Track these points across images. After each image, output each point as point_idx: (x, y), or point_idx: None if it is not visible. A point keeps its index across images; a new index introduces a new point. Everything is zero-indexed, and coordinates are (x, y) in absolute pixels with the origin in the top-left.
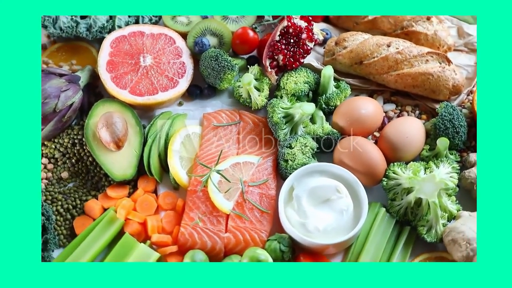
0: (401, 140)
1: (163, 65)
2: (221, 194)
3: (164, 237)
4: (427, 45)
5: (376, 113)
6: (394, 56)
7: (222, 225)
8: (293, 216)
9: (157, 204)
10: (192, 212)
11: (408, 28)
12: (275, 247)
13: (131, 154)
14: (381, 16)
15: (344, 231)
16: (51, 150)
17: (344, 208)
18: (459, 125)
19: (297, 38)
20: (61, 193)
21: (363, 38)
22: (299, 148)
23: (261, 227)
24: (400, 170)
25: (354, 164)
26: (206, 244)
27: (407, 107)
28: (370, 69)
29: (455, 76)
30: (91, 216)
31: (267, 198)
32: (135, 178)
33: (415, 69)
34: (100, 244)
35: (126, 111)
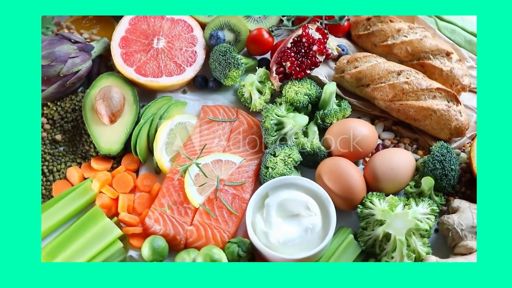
0: (385, 171)
1: (174, 51)
2: (195, 187)
3: (132, 217)
4: (440, 81)
5: (370, 138)
6: (402, 85)
7: (188, 218)
8: (259, 223)
9: (134, 184)
10: (164, 199)
11: (424, 60)
12: (234, 250)
13: (121, 131)
14: (400, 42)
15: (306, 249)
16: (52, 112)
17: (310, 226)
18: (449, 168)
19: (308, 49)
20: (50, 154)
21: (376, 61)
22: (282, 157)
23: (225, 227)
24: (378, 200)
25: (332, 184)
26: (168, 233)
27: (405, 139)
28: (375, 94)
29: (459, 117)
30: (70, 182)
31: (239, 200)
32: (121, 154)
33: (419, 102)
34: (70, 210)
35: (127, 88)
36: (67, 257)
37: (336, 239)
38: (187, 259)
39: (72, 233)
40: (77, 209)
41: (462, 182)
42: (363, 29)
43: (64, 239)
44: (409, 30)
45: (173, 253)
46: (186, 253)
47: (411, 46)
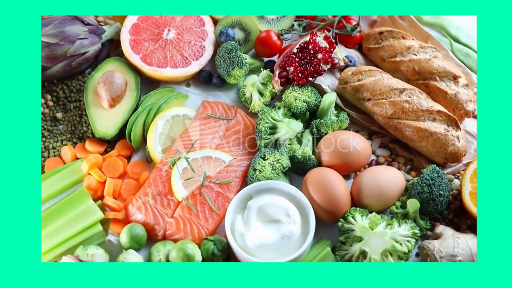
0: (371, 188)
1: (183, 43)
2: (180, 180)
3: (116, 203)
4: (443, 103)
5: (363, 153)
6: (402, 103)
7: (170, 210)
8: (238, 224)
9: (124, 170)
10: (149, 188)
11: (430, 80)
12: (209, 248)
13: (119, 116)
14: (408, 60)
15: (282, 256)
16: (57, 89)
17: (287, 233)
18: (438, 192)
19: (313, 57)
20: (49, 131)
21: (380, 76)
22: (271, 161)
23: (205, 224)
24: (360, 216)
25: (317, 195)
26: (148, 222)
27: (400, 158)
28: (375, 109)
29: (457, 143)
30: (63, 161)
31: (223, 199)
32: (116, 139)
33: (417, 123)
34: (57, 188)
35: (130, 75)
36: (47, 234)
37: (313, 250)
38: (162, 250)
39: (56, 210)
40: (64, 187)
41: (451, 209)
42: (374, 43)
43: (47, 216)
44: (419, 49)
45: (151, 243)
46: (162, 244)
47: (418, 65)
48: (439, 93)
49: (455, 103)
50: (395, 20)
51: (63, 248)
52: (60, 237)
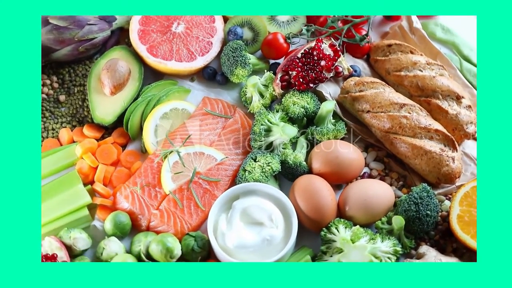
0: (357, 201)
1: (191, 38)
2: (170, 173)
3: (105, 189)
4: (443, 123)
5: (355, 163)
6: (400, 118)
7: (156, 202)
8: (221, 223)
9: (117, 158)
10: (139, 178)
11: (432, 98)
12: (189, 243)
13: (118, 104)
14: (412, 75)
15: (260, 259)
16: (64, 72)
17: (268, 237)
18: (424, 212)
19: (316, 63)
20: (51, 112)
21: (382, 89)
22: (261, 164)
23: (189, 219)
24: (343, 228)
25: (303, 202)
26: (134, 211)
27: (394, 174)
28: (373, 122)
29: (451, 164)
30: (60, 142)
31: (210, 196)
32: (113, 126)
33: (413, 140)
34: (50, 169)
35: (135, 65)
36: None
37: (294, 256)
38: (143, 241)
39: (46, 191)
40: (57, 169)
41: (438, 230)
42: (382, 55)
43: None
44: (425, 65)
45: (135, 233)
46: (144, 235)
47: (422, 82)
48: (440, 111)
49: (455, 124)
50: (406, 34)
51: (48, 229)
52: (47, 217)
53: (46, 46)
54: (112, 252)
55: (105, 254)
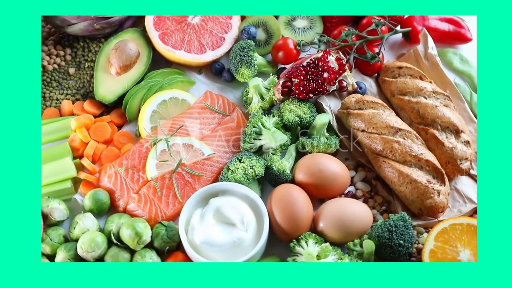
0: (332, 218)
1: (204, 31)
2: (155, 160)
3: (92, 166)
4: (437, 154)
5: (339, 180)
6: (392, 143)
7: (137, 186)
8: (195, 217)
9: (110, 137)
10: (126, 160)
11: (431, 127)
12: (159, 232)
13: (121, 85)
14: (415, 102)
15: (226, 260)
16: (78, 46)
17: (236, 240)
18: (397, 242)
19: (319, 74)
20: (58, 83)
21: (381, 111)
22: (245, 165)
23: (164, 208)
24: (312, 243)
25: (278, 211)
26: (114, 191)
27: (378, 197)
28: (365, 142)
29: (436, 197)
30: (60, 113)
31: (190, 189)
32: (113, 106)
33: (402, 166)
34: (44, 138)
35: (145, 49)
36: None
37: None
38: (116, 222)
39: None
40: (51, 139)
41: (411, 261)
42: (391, 76)
43: None
44: (431, 93)
45: (112, 212)
46: (118, 216)
47: (423, 109)
48: (436, 142)
49: (449, 157)
50: (420, 58)
51: None
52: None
53: (63, 18)
54: (85, 228)
55: (78, 229)
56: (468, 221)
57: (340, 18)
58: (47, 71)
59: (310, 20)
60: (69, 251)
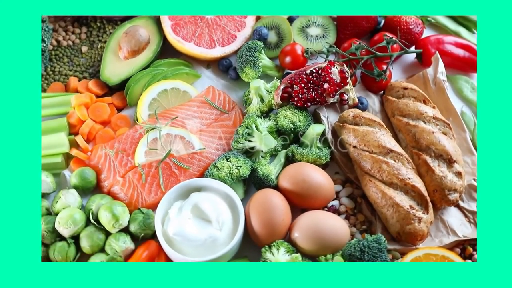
0: (308, 231)
1: (217, 26)
2: (145, 147)
3: (85, 144)
4: (426, 180)
5: (323, 191)
6: (381, 163)
7: (124, 170)
8: (173, 209)
9: (108, 118)
10: (118, 143)
11: (424, 153)
12: (136, 218)
13: (127, 69)
14: (413, 125)
15: (196, 255)
16: (94, 26)
17: (208, 237)
18: (367, 263)
19: (319, 84)
20: (69, 59)
21: (377, 130)
22: (231, 165)
23: (146, 195)
24: (284, 251)
25: (255, 215)
26: (101, 172)
27: (361, 216)
28: (356, 158)
29: (417, 224)
30: (66, 89)
31: (174, 181)
32: (117, 88)
33: (387, 188)
34: (46, 111)
35: (156, 37)
36: None
37: None
38: (96, 202)
39: None
40: (52, 113)
41: None
42: (395, 95)
43: None
44: (431, 118)
45: (97, 192)
46: (101, 197)
47: (419, 134)
48: (427, 169)
49: (437, 186)
50: (428, 82)
51: None
52: None
53: None
54: (67, 203)
55: (60, 203)
56: (443, 253)
57: (354, 30)
58: (61, 46)
59: (324, 29)
60: (48, 224)
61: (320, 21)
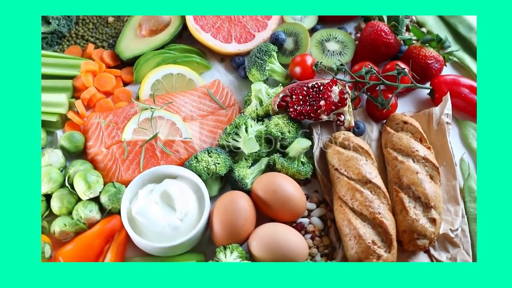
0: (265, 241)
1: (238, 23)
2: (135, 125)
3: (83, 110)
4: (398, 219)
5: (292, 206)
6: (355, 192)
7: (110, 142)
8: (144, 190)
9: (112, 90)
10: (112, 115)
11: (402, 192)
12: (108, 191)
13: (141, 47)
14: (399, 161)
15: (153, 239)
16: None
17: (167, 224)
18: None
19: (316, 100)
20: (94, 26)
21: (363, 158)
22: (210, 160)
23: (124, 172)
24: (236, 255)
25: (217, 214)
26: (88, 140)
27: (326, 239)
28: (334, 181)
29: (374, 261)
30: (82, 54)
31: (154, 163)
32: (130, 63)
33: (354, 218)
34: (55, 71)
35: (177, 21)
36: None
37: (184, 255)
38: (76, 167)
39: None
40: (61, 73)
41: None
42: (394, 127)
43: None
44: (421, 158)
45: (82, 158)
46: (81, 163)
47: (403, 171)
48: (401, 208)
49: (408, 227)
50: (431, 121)
51: None
52: None
53: None
54: (49, 162)
55: (42, 161)
56: None
57: (371, 54)
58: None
59: (343, 46)
60: None
61: (341, 37)
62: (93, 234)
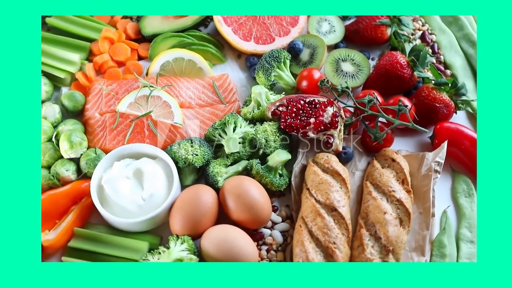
0: (217, 241)
1: (262, 23)
2: (132, 99)
3: (92, 74)
4: (353, 255)
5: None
6: (317, 216)
7: (106, 109)
8: (120, 164)
9: (125, 60)
10: (117, 86)
11: (365, 228)
12: (88, 154)
13: (163, 26)
14: (373, 197)
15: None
16: None
17: (131, 201)
18: None
19: (309, 116)
20: None
21: (337, 185)
22: (190, 150)
23: (108, 141)
24: (185, 247)
25: (179, 202)
26: (87, 103)
27: (280, 255)
28: (303, 199)
29: None
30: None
31: (139, 140)
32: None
33: (308, 242)
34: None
35: None
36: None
37: (141, 236)
38: (67, 125)
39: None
40: (83, 34)
41: None
42: (382, 162)
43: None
44: (395, 200)
45: (78, 119)
46: (74, 123)
47: (372, 208)
48: (359, 244)
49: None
50: (421, 165)
51: None
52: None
53: None
54: (44, 115)
55: None
56: None
57: (382, 82)
58: None
59: (358, 69)
60: None
61: (358, 60)
62: (63, 192)
